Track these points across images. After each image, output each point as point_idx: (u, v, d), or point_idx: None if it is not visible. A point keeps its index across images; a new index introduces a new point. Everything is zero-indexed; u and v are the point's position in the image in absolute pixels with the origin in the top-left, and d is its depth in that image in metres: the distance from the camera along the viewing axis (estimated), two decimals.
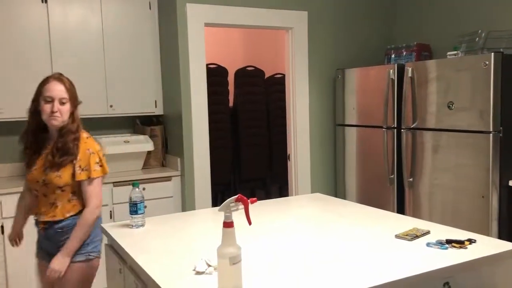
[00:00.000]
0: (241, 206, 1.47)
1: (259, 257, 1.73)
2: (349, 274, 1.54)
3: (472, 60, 3.03)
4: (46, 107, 2.07)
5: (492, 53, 2.88)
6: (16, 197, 3.07)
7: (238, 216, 1.45)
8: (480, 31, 3.26)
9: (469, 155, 3.04)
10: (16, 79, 3.35)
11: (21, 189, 3.14)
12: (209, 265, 1.59)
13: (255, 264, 1.66)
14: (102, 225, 2.20)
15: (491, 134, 2.92)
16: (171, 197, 3.66)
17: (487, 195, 2.95)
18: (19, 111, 3.36)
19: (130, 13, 3.71)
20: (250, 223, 1.53)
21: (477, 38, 3.24)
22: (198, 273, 1.56)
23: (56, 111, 2.06)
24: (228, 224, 1.41)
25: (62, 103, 2.08)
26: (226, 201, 1.45)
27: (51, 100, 2.06)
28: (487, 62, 2.89)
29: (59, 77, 2.12)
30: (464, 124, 3.07)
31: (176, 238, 1.99)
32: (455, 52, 3.26)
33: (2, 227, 3.10)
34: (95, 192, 2.12)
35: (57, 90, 2.08)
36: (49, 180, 2.08)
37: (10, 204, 3.10)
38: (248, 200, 1.49)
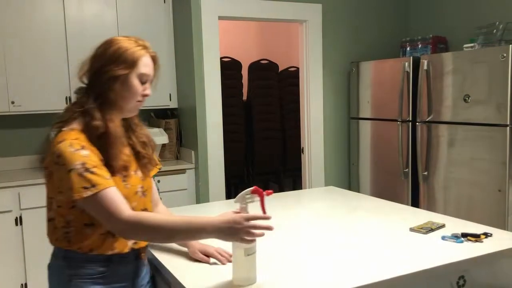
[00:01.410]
0: (257, 198, 1.46)
1: (273, 250, 1.74)
2: (363, 267, 1.54)
3: (489, 52, 2.99)
4: (140, 88, 1.50)
5: (510, 45, 2.83)
6: (34, 189, 3.17)
7: (252, 209, 1.46)
8: (497, 22, 3.21)
9: (486, 148, 3.01)
10: (32, 73, 3.40)
11: (40, 180, 3.22)
12: None
13: (269, 256, 1.67)
14: None
15: (508, 128, 2.88)
16: (186, 189, 3.69)
17: (503, 189, 2.92)
18: (35, 104, 3.42)
19: (145, 6, 3.73)
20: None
21: (494, 30, 3.19)
22: (214, 263, 1.58)
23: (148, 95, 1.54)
24: None
25: None
26: (242, 192, 1.44)
27: (145, 81, 1.53)
28: (504, 54, 2.85)
29: (151, 51, 1.55)
30: (480, 118, 3.03)
31: None
32: (471, 44, 3.22)
33: (21, 218, 3.15)
34: None
35: (152, 68, 1.55)
36: (147, 186, 1.60)
37: (28, 195, 3.16)
38: (264, 192, 1.48)
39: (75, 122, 1.45)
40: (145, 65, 1.50)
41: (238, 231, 1.34)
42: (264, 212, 1.51)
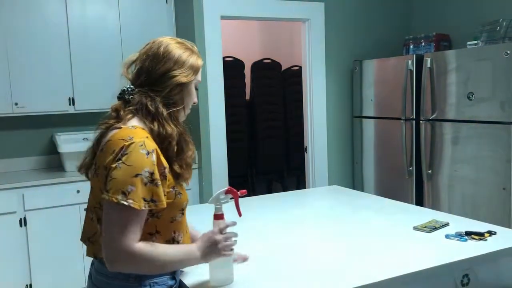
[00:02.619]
0: (231, 197, 1.46)
1: (276, 249, 1.73)
2: (367, 266, 1.54)
3: (492, 49, 2.97)
4: (195, 95, 1.47)
5: None
6: (38, 190, 3.18)
7: (251, 209, 1.46)
8: (501, 19, 3.19)
9: (490, 146, 3.00)
10: (35, 74, 3.40)
11: (44, 181, 3.25)
12: None
13: (272, 255, 1.67)
14: None
15: None
16: (189, 189, 3.68)
17: (508, 187, 2.91)
18: (39, 106, 3.43)
19: (147, 7, 3.73)
20: (240, 214, 1.51)
21: (498, 27, 3.17)
22: None
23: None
24: (218, 217, 1.42)
25: None
26: (216, 193, 1.45)
27: (197, 88, 1.48)
28: (508, 52, 2.83)
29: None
30: (484, 115, 3.01)
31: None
32: (475, 42, 3.20)
33: (25, 219, 3.16)
34: None
35: None
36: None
37: (33, 197, 3.17)
38: (238, 192, 1.48)
39: (132, 120, 1.34)
40: (200, 74, 1.46)
41: (217, 246, 1.35)
42: (238, 211, 1.51)
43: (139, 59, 1.41)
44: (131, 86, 1.38)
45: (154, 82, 1.36)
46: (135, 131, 1.29)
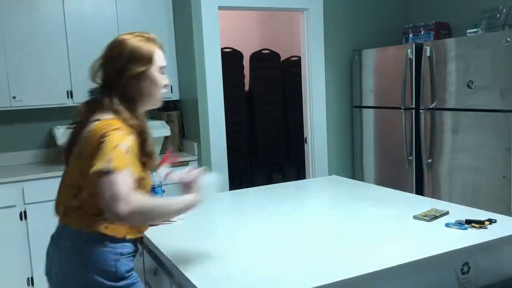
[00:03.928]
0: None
1: (276, 239, 1.73)
2: (367, 255, 1.53)
3: (492, 37, 2.95)
4: (163, 79, 1.59)
5: None
6: (38, 183, 3.19)
7: (251, 199, 1.46)
8: (501, 7, 3.17)
9: (490, 135, 2.99)
10: (33, 68, 3.39)
11: (43, 175, 3.25)
12: None
13: (272, 245, 1.67)
14: None
15: None
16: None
17: (508, 175, 2.90)
18: (37, 99, 3.43)
19: None
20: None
21: (498, 15, 3.15)
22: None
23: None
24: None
25: None
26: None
27: (164, 72, 1.60)
28: (508, 39, 2.81)
29: (159, 42, 1.62)
30: (484, 104, 3.00)
31: (193, 221, 2.01)
32: (475, 29, 3.18)
33: (25, 212, 3.16)
34: None
35: (165, 58, 1.62)
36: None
37: (32, 190, 3.17)
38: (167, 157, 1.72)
39: (109, 115, 1.48)
40: (160, 58, 1.58)
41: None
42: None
43: (110, 61, 1.55)
44: (95, 87, 1.57)
45: (110, 82, 1.53)
46: (112, 121, 1.46)
